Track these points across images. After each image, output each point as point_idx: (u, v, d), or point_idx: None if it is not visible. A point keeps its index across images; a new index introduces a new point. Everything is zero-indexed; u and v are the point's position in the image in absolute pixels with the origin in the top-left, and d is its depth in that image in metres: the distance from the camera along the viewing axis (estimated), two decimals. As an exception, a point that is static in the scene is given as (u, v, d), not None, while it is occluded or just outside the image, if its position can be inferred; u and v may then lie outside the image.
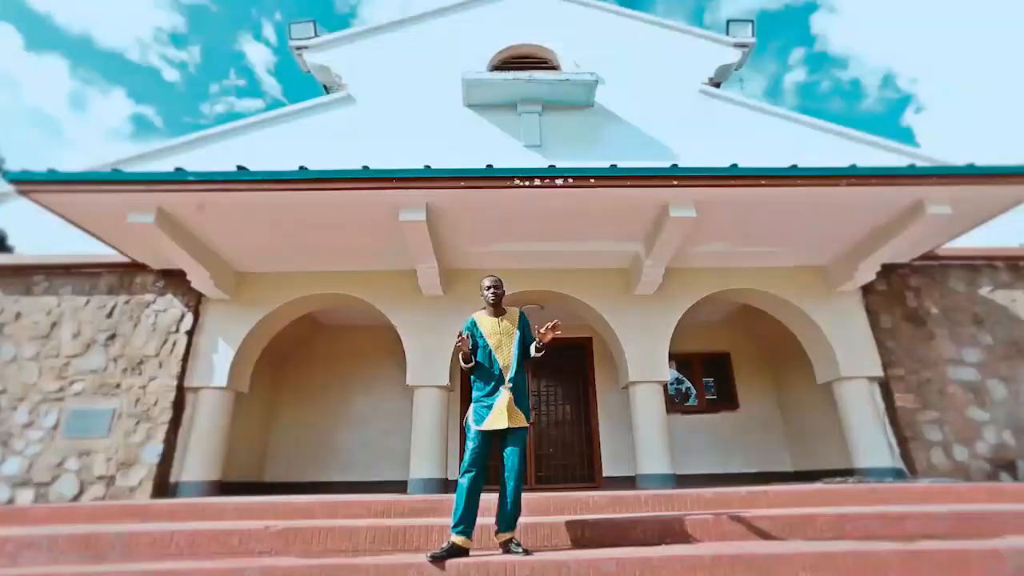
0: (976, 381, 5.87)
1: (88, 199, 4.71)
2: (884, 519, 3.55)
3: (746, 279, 6.35)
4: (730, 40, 8.01)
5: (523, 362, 3.36)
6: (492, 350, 3.30)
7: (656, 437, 5.78)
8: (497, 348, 3.31)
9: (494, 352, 3.30)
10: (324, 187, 4.65)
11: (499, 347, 3.31)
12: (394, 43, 8.04)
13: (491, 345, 3.31)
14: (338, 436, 7.89)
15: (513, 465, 3.14)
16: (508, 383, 3.22)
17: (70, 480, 5.23)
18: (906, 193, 4.86)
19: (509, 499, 3.14)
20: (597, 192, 4.79)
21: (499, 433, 3.20)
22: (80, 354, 5.77)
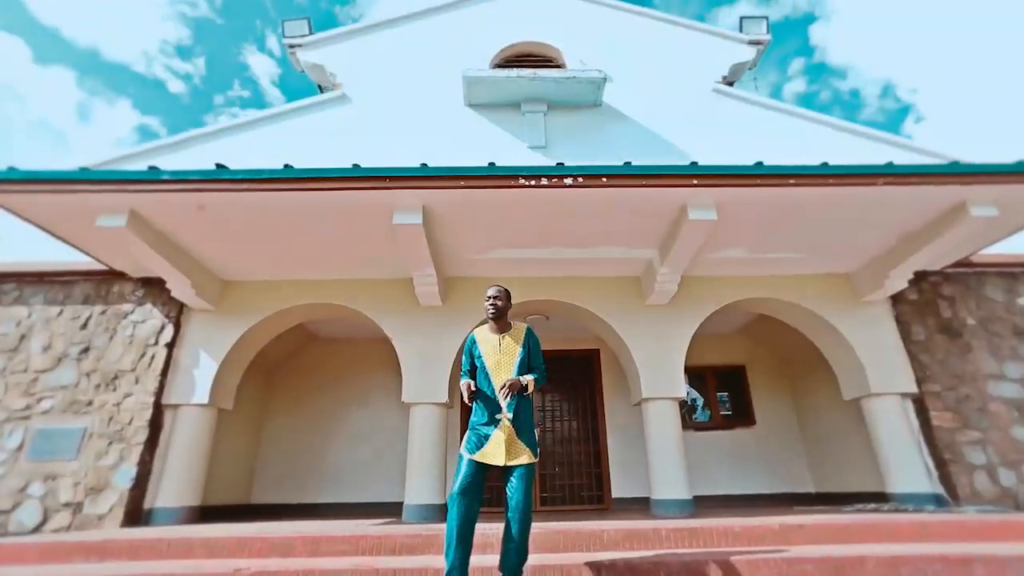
0: (1021, 398, 5.40)
1: (53, 200, 4.31)
2: (945, 562, 3.08)
3: (767, 288, 5.92)
4: (744, 37, 7.64)
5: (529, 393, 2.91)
6: (489, 373, 2.87)
7: (672, 459, 5.33)
8: (495, 370, 2.87)
9: (491, 375, 2.86)
10: (312, 187, 4.25)
11: (497, 369, 2.88)
12: (391, 41, 7.69)
13: (488, 367, 2.88)
14: (331, 454, 7.43)
15: (517, 504, 2.68)
16: (507, 413, 2.78)
17: (33, 507, 4.79)
18: (948, 193, 4.44)
19: (514, 543, 2.68)
20: (609, 192, 4.38)
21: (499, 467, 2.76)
22: (50, 369, 5.36)
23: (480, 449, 2.74)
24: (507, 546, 2.71)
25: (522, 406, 2.85)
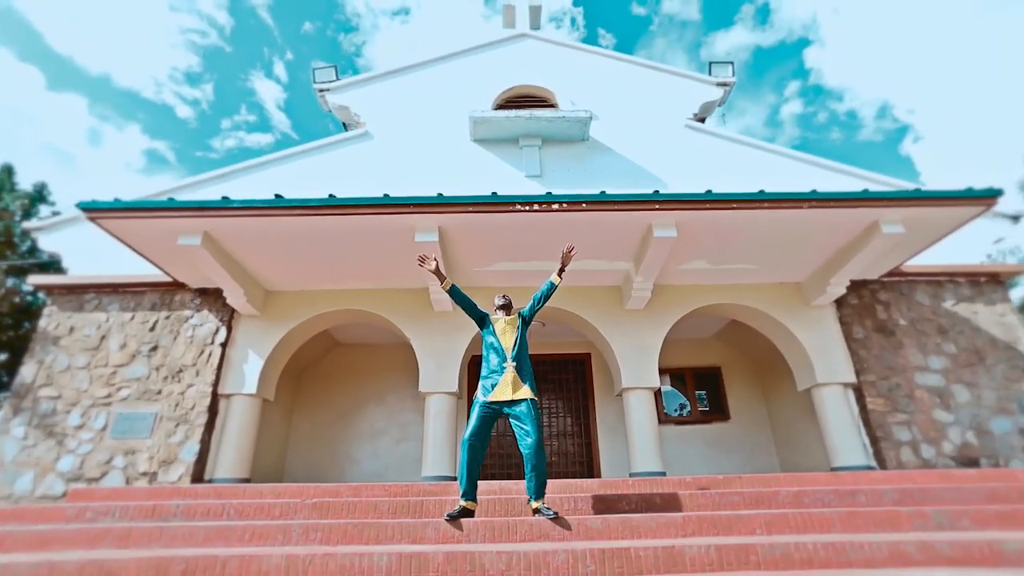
0: (941, 386, 6.38)
1: (144, 224, 5.41)
2: (838, 494, 4.08)
3: (730, 295, 6.95)
4: (712, 80, 8.79)
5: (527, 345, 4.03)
6: (498, 335, 3.95)
7: (647, 438, 6.30)
8: (502, 334, 3.97)
9: (499, 338, 3.94)
10: (349, 212, 5.34)
11: (504, 333, 3.98)
12: (407, 85, 8.89)
13: (497, 332, 3.97)
14: (353, 445, 8.42)
15: (534, 442, 3.67)
16: (512, 361, 3.84)
17: (117, 476, 5.80)
18: (862, 215, 5.50)
19: (534, 472, 3.66)
20: (589, 216, 5.46)
21: (504, 413, 3.79)
22: (126, 364, 6.41)
23: (492, 391, 3.77)
24: (531, 475, 3.69)
25: (522, 356, 3.91)
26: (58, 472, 5.79)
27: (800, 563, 2.89)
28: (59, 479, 5.76)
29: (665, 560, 2.88)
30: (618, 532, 3.46)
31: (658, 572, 2.84)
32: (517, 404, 3.79)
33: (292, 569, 2.84)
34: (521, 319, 4.18)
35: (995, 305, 6.89)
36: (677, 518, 3.52)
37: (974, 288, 6.98)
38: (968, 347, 6.60)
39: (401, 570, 2.83)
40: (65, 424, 6.03)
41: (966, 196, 5.34)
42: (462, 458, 3.71)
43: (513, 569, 2.86)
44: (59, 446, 5.92)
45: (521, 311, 4.26)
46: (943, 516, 3.46)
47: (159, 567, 2.83)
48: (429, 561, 2.89)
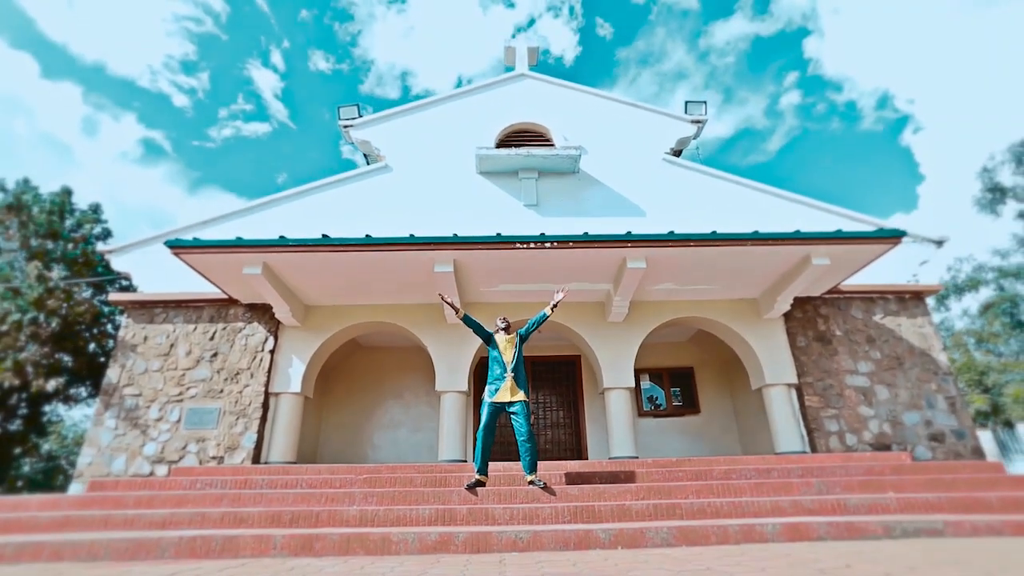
0: (866, 386, 7.75)
1: (217, 258, 6.72)
2: (757, 471, 5.44)
3: (695, 309, 8.29)
4: (688, 117, 10.08)
5: (523, 358, 5.32)
6: (500, 352, 5.27)
7: (624, 429, 7.66)
8: (504, 350, 5.28)
9: (501, 353, 5.26)
10: (382, 249, 6.65)
11: (505, 349, 5.29)
12: (420, 121, 10.17)
13: (500, 348, 5.29)
14: (375, 435, 9.80)
15: (525, 432, 5.03)
16: (511, 372, 5.17)
17: (192, 459, 7.16)
18: (795, 251, 6.82)
19: (526, 453, 5.02)
20: (575, 252, 6.78)
21: (506, 410, 5.13)
22: (192, 367, 7.75)
23: (496, 394, 5.11)
24: (524, 455, 5.03)
25: (518, 367, 5.23)
26: (144, 455, 7.15)
27: (709, 515, 4.25)
28: (145, 461, 7.12)
29: (618, 512, 4.24)
30: (589, 496, 4.81)
31: (612, 520, 4.20)
32: (514, 404, 5.13)
33: (364, 518, 4.19)
34: (519, 338, 5.49)
35: (916, 318, 8.24)
36: (632, 487, 4.88)
37: (900, 304, 8.34)
38: (891, 353, 7.96)
39: (439, 519, 4.19)
40: (147, 417, 7.38)
41: (877, 236, 6.67)
42: (478, 443, 5.06)
43: (515, 518, 4.21)
44: (143, 435, 7.27)
45: (519, 331, 5.56)
46: (823, 485, 4.82)
47: (273, 517, 4.19)
48: (457, 514, 4.24)
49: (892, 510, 4.21)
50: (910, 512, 4.17)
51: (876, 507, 4.24)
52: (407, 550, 3.59)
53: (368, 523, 4.15)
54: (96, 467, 7.08)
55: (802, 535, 3.68)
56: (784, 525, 3.71)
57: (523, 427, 5.06)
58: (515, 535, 3.70)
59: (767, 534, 3.68)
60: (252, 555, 3.51)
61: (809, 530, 3.70)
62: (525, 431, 5.04)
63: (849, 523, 3.74)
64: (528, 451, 5.03)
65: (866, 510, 4.23)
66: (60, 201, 11.99)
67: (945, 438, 7.44)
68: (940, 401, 7.68)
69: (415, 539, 3.63)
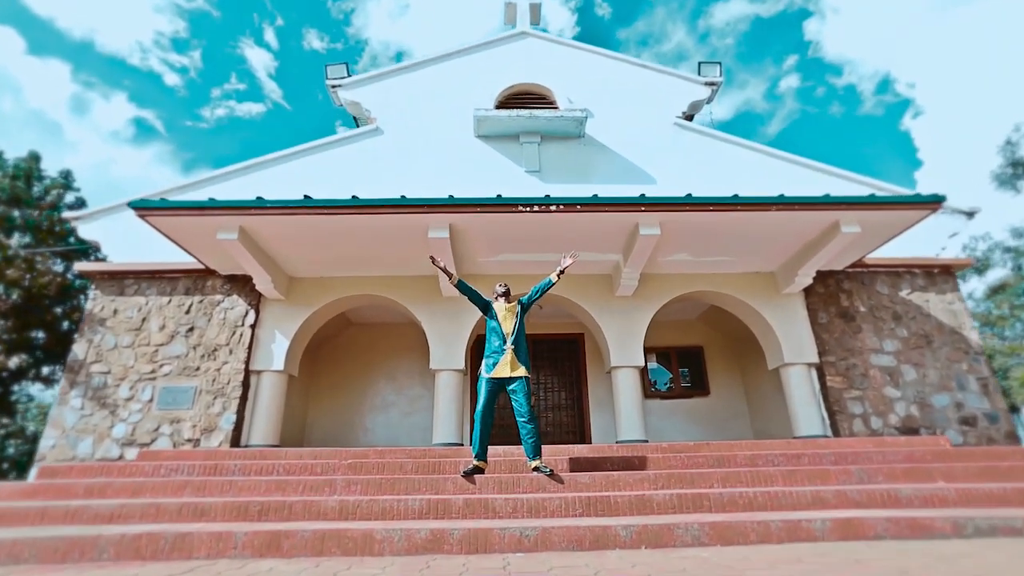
0: (892, 366, 7.21)
1: (188, 221, 6.08)
2: (786, 457, 4.90)
3: (709, 283, 7.71)
4: (701, 79, 9.39)
5: (524, 329, 4.76)
6: (499, 322, 4.69)
7: (632, 411, 7.12)
8: (503, 320, 4.71)
9: (501, 323, 4.68)
10: (370, 212, 6.01)
11: (504, 320, 4.72)
12: (414, 81, 9.44)
13: (499, 318, 4.71)
14: (366, 416, 9.25)
15: (526, 412, 4.47)
16: (511, 344, 4.59)
17: (165, 441, 6.59)
18: (824, 216, 6.22)
19: (528, 436, 4.47)
20: (583, 216, 6.16)
21: (505, 388, 4.56)
22: (166, 343, 7.14)
23: (494, 369, 4.54)
24: (526, 438, 4.48)
25: (519, 339, 4.66)
26: (113, 438, 6.57)
27: (742, 507, 3.70)
28: (114, 444, 6.55)
29: (637, 504, 3.69)
30: (602, 485, 4.26)
31: (631, 514, 3.65)
32: (514, 380, 4.55)
33: (345, 510, 3.63)
34: (520, 306, 4.91)
35: (945, 294, 7.68)
36: (650, 475, 4.33)
37: (928, 279, 7.77)
38: (918, 331, 7.41)
39: (431, 511, 3.63)
40: (116, 396, 6.79)
41: (915, 201, 6.07)
42: (476, 426, 4.50)
43: (518, 511, 3.66)
44: (112, 415, 6.69)
45: (520, 299, 4.99)
46: (863, 473, 4.29)
47: (240, 509, 3.62)
48: (452, 505, 3.69)
49: (952, 503, 3.68)
50: (975, 506, 3.64)
51: (933, 499, 3.70)
52: (392, 550, 3.04)
53: (349, 516, 3.59)
54: (60, 450, 6.51)
55: (857, 533, 3.14)
56: (834, 521, 3.16)
57: (523, 407, 4.50)
58: (520, 532, 3.15)
59: (815, 531, 3.14)
60: (206, 556, 2.95)
61: (865, 527, 3.15)
62: (526, 411, 4.49)
63: (910, 519, 3.19)
64: (530, 433, 4.48)
65: (921, 502, 3.70)
66: (27, 167, 11.19)
67: (977, 422, 6.93)
68: (972, 382, 7.16)
69: (402, 536, 3.08)
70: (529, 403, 4.52)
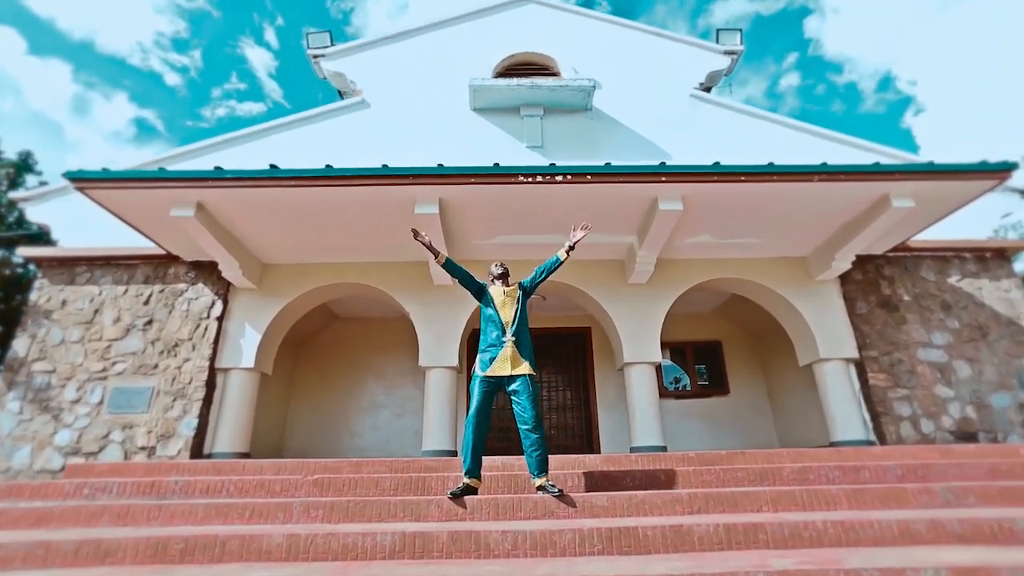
0: (943, 362, 6.36)
1: (136, 195, 5.24)
2: (843, 470, 4.06)
3: (733, 269, 6.86)
4: (720, 48, 8.53)
5: (527, 318, 3.93)
6: (497, 308, 3.86)
7: (649, 413, 6.28)
8: (502, 307, 3.88)
9: (499, 310, 3.85)
10: (347, 183, 5.17)
11: (503, 306, 3.90)
12: (405, 51, 8.59)
13: (496, 305, 3.88)
14: (353, 418, 8.41)
15: (531, 418, 3.62)
16: (511, 336, 3.76)
17: (115, 450, 5.76)
18: (873, 188, 5.37)
19: (533, 449, 3.61)
20: (593, 188, 5.31)
21: (505, 388, 3.72)
22: (120, 338, 6.31)
23: (491, 365, 3.70)
24: (530, 452, 3.63)
25: (521, 330, 3.83)
26: (55, 446, 5.74)
27: (809, 541, 2.86)
28: (57, 453, 5.72)
29: (674, 539, 2.85)
30: (624, 509, 3.43)
31: (667, 551, 2.81)
32: (516, 380, 3.72)
33: (294, 548, 2.79)
34: (521, 290, 4.08)
35: (1000, 281, 6.82)
36: (683, 495, 3.49)
37: (979, 264, 6.91)
38: (971, 322, 6.56)
39: (405, 549, 2.79)
40: (61, 398, 5.96)
41: (979, 170, 5.21)
42: (467, 436, 3.66)
43: (519, 548, 2.82)
44: (55, 420, 5.86)
45: (521, 282, 4.16)
46: (949, 493, 3.45)
47: (158, 546, 2.78)
48: (433, 540, 2.85)
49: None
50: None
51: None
52: (347, 612, 2.20)
53: (298, 555, 2.76)
54: (-6, 460, 5.68)
55: (985, 586, 2.29)
56: (952, 570, 2.31)
57: (528, 411, 3.66)
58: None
59: (926, 584, 2.29)
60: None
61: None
62: (531, 417, 3.64)
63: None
64: (535, 445, 3.64)
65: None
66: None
67: (1043, 424, 6.08)
68: (1034, 379, 6.31)
69: (362, 592, 2.24)
70: (535, 408, 3.67)
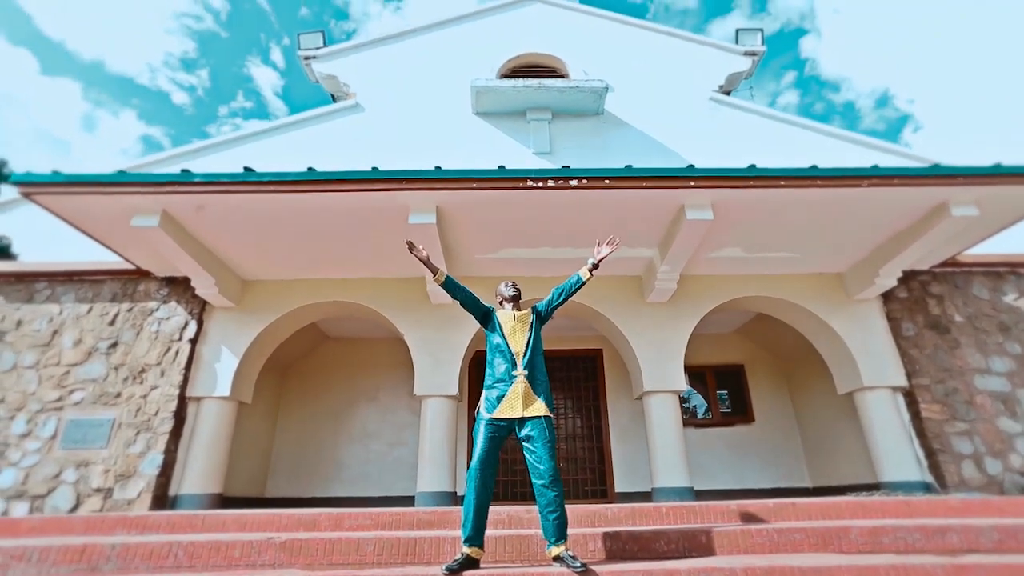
0: (1006, 391, 5.65)
1: (92, 201, 4.61)
2: (923, 532, 3.33)
3: (762, 286, 6.19)
4: (739, 49, 7.96)
5: (541, 347, 3.29)
6: (506, 336, 3.21)
7: (673, 449, 5.57)
8: (511, 334, 3.23)
9: (508, 339, 3.19)
10: (332, 189, 4.54)
11: (513, 333, 3.25)
12: (402, 53, 8.04)
13: (505, 332, 3.23)
14: (343, 449, 7.68)
15: (547, 470, 2.91)
16: (523, 369, 3.08)
17: (67, 492, 5.05)
18: (930, 194, 4.72)
19: (549, 510, 2.88)
20: (611, 194, 4.67)
21: (516, 433, 3.04)
22: (81, 362, 5.64)
23: (498, 406, 3.01)
24: (546, 513, 2.90)
25: (535, 362, 3.16)
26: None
27: (921, 651, 2.14)
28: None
29: (740, 648, 2.13)
30: (663, 590, 2.71)
31: (733, 666, 2.09)
32: (528, 423, 3.03)
33: (236, 659, 2.08)
34: (536, 315, 3.41)
35: (1062, 299, 6.12)
36: (737, 570, 2.77)
37: (1038, 280, 6.22)
38: (1034, 347, 5.85)
39: (383, 663, 2.08)
40: (7, 432, 5.27)
41: (1054, 173, 4.55)
42: (468, 495, 2.94)
43: (535, 660, 2.10)
44: (0, 457, 5.16)
45: (536, 306, 3.49)
46: (1077, 572, 2.73)
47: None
48: (422, 646, 2.13)
49: None
50: None
51: None
52: None
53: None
54: (-72, 504, 4.97)
55: None
56: None
57: (544, 463, 2.94)
58: None
59: None
60: None
61: None
62: (547, 471, 2.93)
63: None
64: (552, 505, 2.91)
65: None
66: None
67: (1124, 464, 5.34)
68: (1110, 412, 5.58)
69: None
70: (553, 458, 2.96)
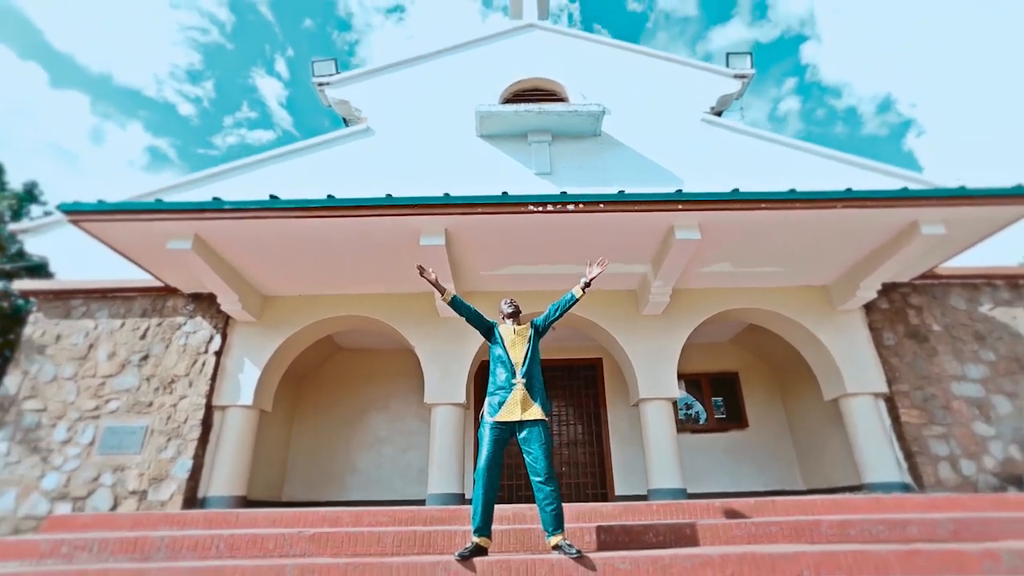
0: (980, 397, 6.00)
1: (131, 227, 5.06)
2: (887, 524, 3.70)
3: (751, 299, 6.57)
4: (730, 72, 8.38)
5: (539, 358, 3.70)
6: (507, 349, 3.61)
7: (667, 453, 5.94)
8: (511, 346, 3.65)
9: (508, 350, 3.60)
10: (350, 214, 4.97)
11: (513, 345, 3.66)
12: (410, 78, 8.50)
13: (506, 345, 3.64)
14: (356, 455, 8.08)
15: (543, 470, 3.33)
16: (521, 377, 3.49)
17: (105, 494, 5.47)
18: (901, 215, 5.10)
19: (547, 503, 3.31)
20: (606, 217, 5.08)
21: (516, 434, 3.43)
22: (115, 374, 6.07)
23: (500, 410, 3.43)
24: (544, 507, 3.33)
25: (533, 371, 3.57)
26: (42, 490, 5.46)
27: (864, 620, 2.51)
28: (43, 498, 5.43)
29: (710, 617, 2.51)
30: (649, 573, 3.09)
31: (702, 632, 2.47)
32: (526, 427, 3.44)
33: (284, 627, 2.48)
34: (533, 329, 3.83)
35: (1035, 309, 6.48)
36: (714, 557, 3.15)
37: (1013, 291, 6.59)
38: (1008, 354, 6.21)
39: (408, 630, 2.47)
40: (50, 439, 5.70)
41: (1015, 194, 4.94)
42: (477, 490, 3.36)
43: (536, 627, 2.49)
44: (44, 463, 5.59)
45: (534, 320, 3.90)
46: (1016, 558, 3.09)
47: (133, 624, 2.48)
48: (440, 617, 2.53)
49: None
50: None
51: None
52: None
53: (288, 638, 2.44)
54: (-23, 506, 5.39)
55: None
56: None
57: (540, 462, 3.36)
58: None
59: None
60: None
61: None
62: (543, 469, 3.34)
63: None
64: (549, 499, 3.32)
65: None
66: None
67: (1092, 465, 5.67)
68: (1079, 416, 5.92)
69: None
70: (548, 457, 3.38)
